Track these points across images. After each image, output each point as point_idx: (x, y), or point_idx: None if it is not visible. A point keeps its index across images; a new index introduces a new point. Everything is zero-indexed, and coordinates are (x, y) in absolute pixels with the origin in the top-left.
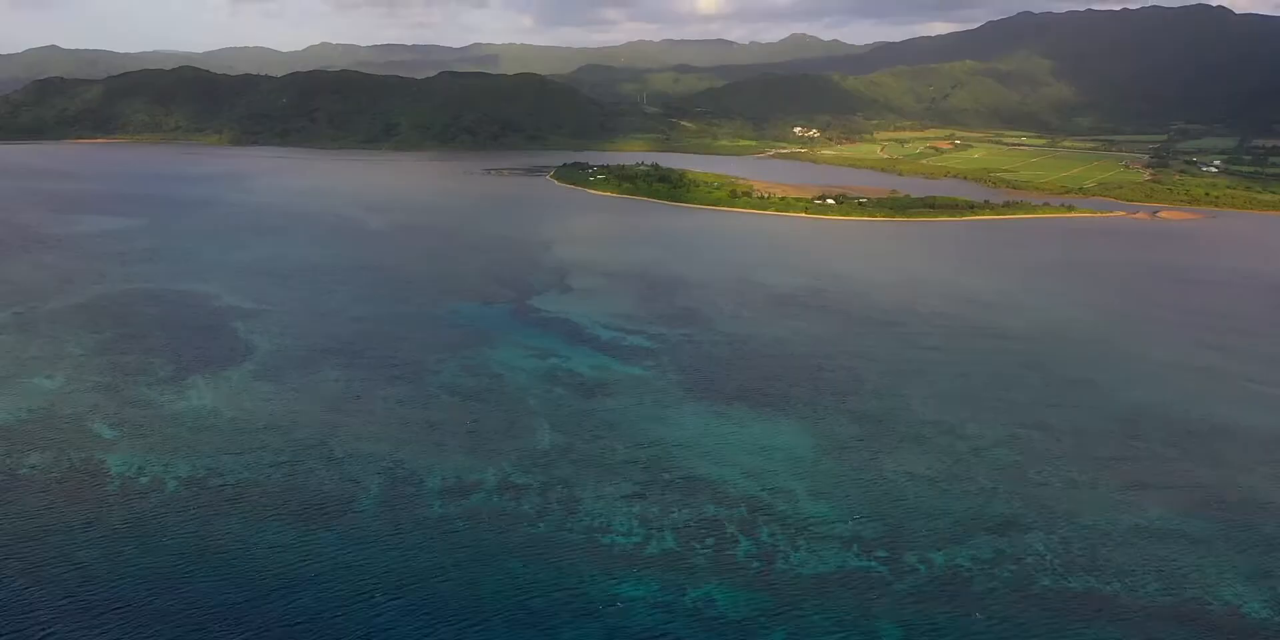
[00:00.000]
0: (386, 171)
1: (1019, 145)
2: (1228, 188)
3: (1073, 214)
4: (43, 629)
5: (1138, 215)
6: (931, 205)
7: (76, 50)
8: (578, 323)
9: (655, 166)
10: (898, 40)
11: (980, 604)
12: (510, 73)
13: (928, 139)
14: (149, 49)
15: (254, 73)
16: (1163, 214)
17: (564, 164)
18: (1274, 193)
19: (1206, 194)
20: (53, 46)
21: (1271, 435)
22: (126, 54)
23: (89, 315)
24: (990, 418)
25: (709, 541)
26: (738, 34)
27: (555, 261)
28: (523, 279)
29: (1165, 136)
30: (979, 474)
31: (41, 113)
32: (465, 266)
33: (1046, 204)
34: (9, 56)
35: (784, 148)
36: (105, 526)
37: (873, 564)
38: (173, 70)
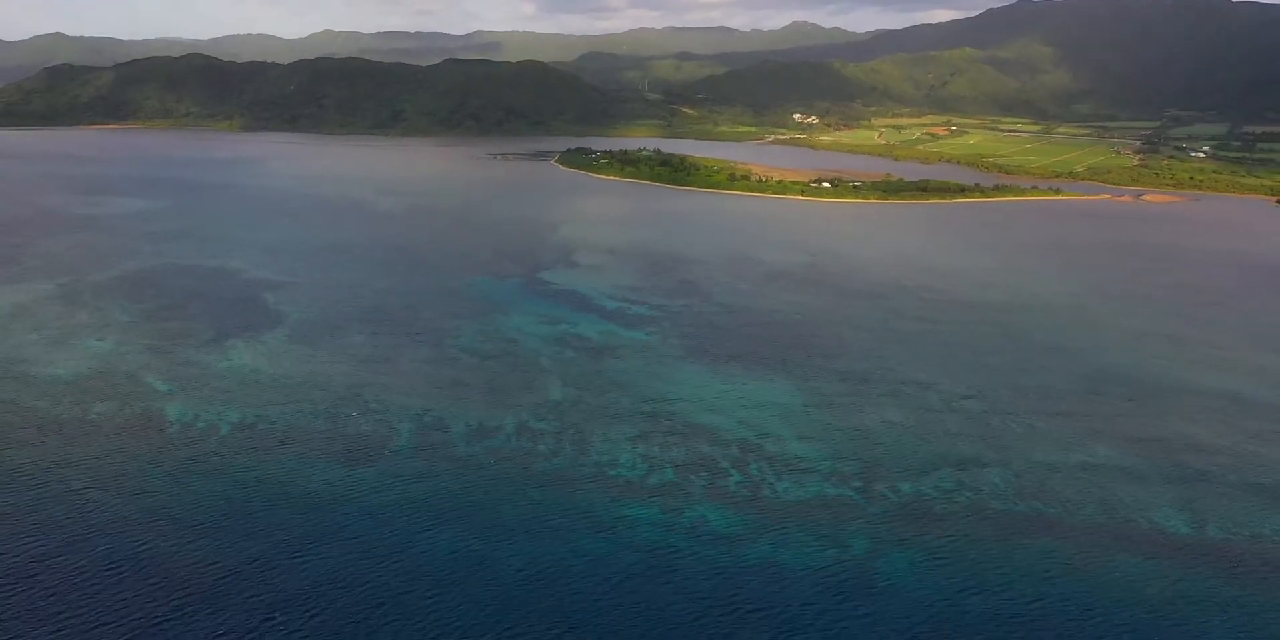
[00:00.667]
0: (395, 156)
1: (1014, 132)
2: (1213, 172)
3: (1059, 197)
4: (134, 545)
5: (1122, 198)
6: (923, 188)
7: (82, 38)
8: (585, 294)
9: (657, 151)
10: (899, 28)
11: (940, 524)
12: (512, 60)
13: (924, 125)
14: (153, 36)
15: (258, 60)
16: (1146, 197)
17: (568, 149)
18: (1257, 177)
19: (1191, 178)
20: (58, 34)
21: (1219, 391)
22: (131, 41)
23: (129, 287)
24: (964, 377)
25: (704, 474)
26: (740, 21)
27: (562, 240)
28: (532, 256)
29: (1159, 123)
30: (948, 422)
31: (54, 99)
32: (476, 245)
33: (1034, 187)
34: (14, 44)
35: (783, 134)
36: (172, 462)
37: (848, 492)
38: (181, 57)
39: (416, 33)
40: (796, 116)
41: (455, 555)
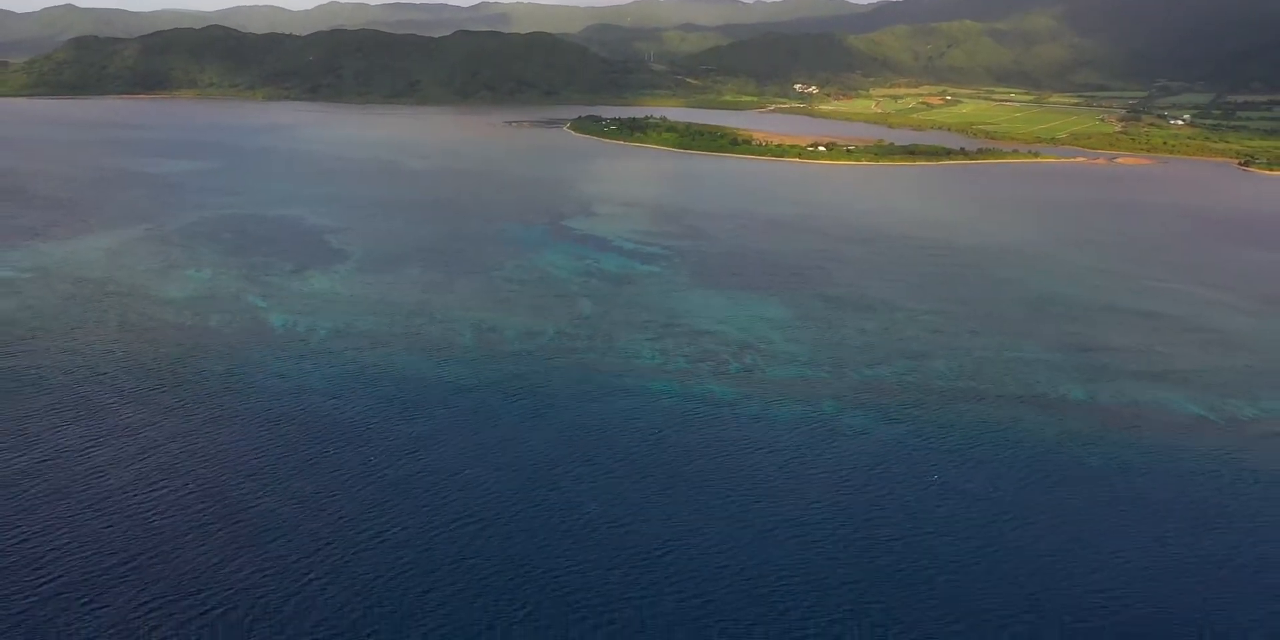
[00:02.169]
0: (415, 123)
1: (1007, 101)
2: (1188, 138)
3: (1036, 160)
4: (273, 408)
5: (1097, 161)
6: (912, 152)
7: (92, 9)
8: (604, 237)
9: (663, 119)
10: None
11: (892, 394)
12: (521, 31)
13: (921, 95)
14: (161, 8)
15: (272, 32)
16: (1120, 160)
17: (579, 117)
18: (1227, 141)
19: (1165, 143)
20: (69, 5)
21: (1139, 310)
22: (140, 13)
23: (207, 231)
24: (927, 300)
25: (710, 363)
26: None
27: (580, 195)
28: (555, 208)
29: (1148, 93)
30: (907, 330)
31: (83, 70)
32: (504, 199)
33: (1015, 151)
34: (26, 15)
35: (784, 103)
36: (286, 356)
37: (822, 374)
38: (203, 29)
39: (423, 4)
40: (797, 86)
41: (523, 416)
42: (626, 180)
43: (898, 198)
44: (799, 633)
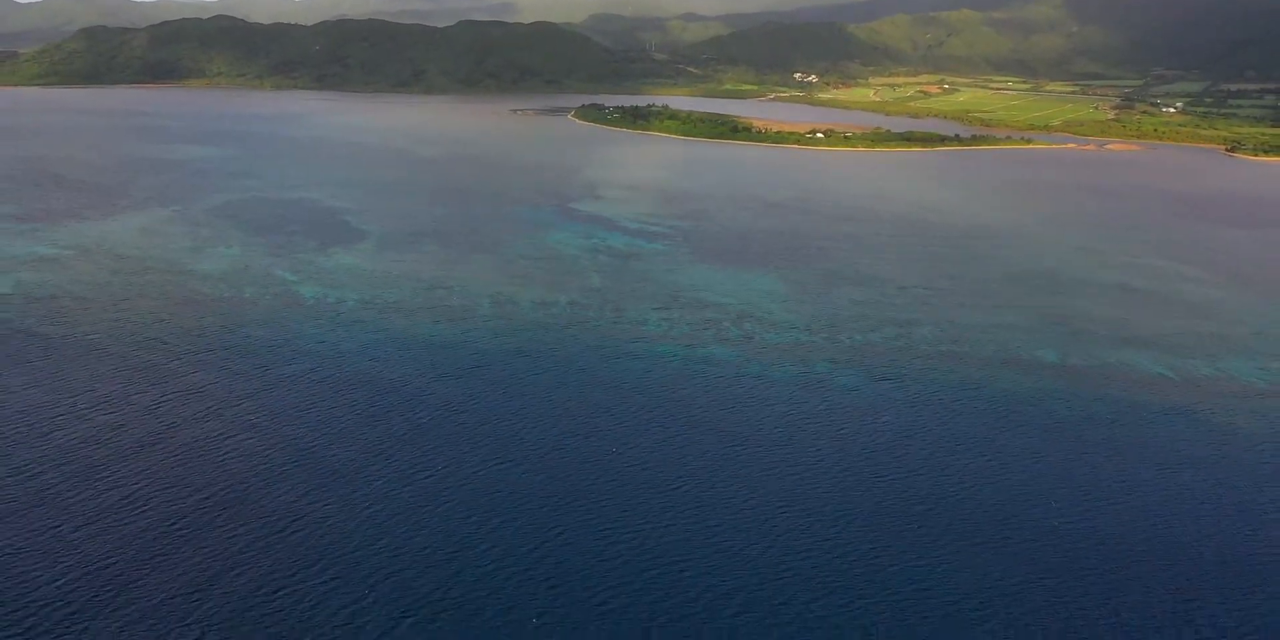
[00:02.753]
0: (422, 112)
1: (1004, 89)
2: (1178, 125)
3: (1029, 146)
4: (317, 370)
5: (1087, 147)
6: (907, 138)
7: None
8: (610, 218)
9: (665, 107)
10: None
11: (879, 356)
12: (524, 21)
13: (919, 84)
14: None
15: (278, 22)
16: (1109, 146)
17: (582, 105)
18: (1216, 128)
19: (1155, 130)
20: None
21: (1112, 282)
22: (144, 2)
23: (232, 212)
24: (915, 274)
25: (712, 329)
26: None
27: (586, 179)
28: (562, 191)
29: (1142, 81)
30: (896, 300)
31: (94, 59)
32: (513, 183)
33: (1008, 138)
34: (29, 5)
35: (784, 92)
36: (322, 324)
37: (816, 339)
38: (210, 19)
39: None
40: (797, 75)
41: (545, 375)
42: (630, 165)
43: (892, 182)
44: (791, 549)
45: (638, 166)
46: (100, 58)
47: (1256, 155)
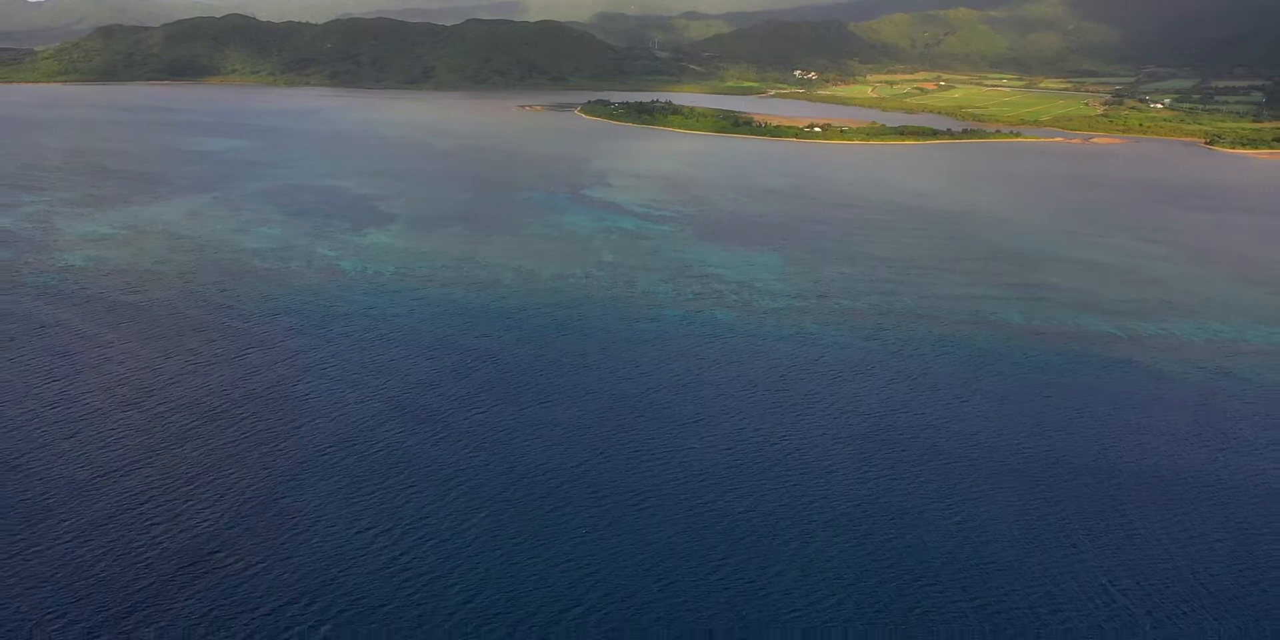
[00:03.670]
0: (434, 107)
1: (998, 86)
2: (1163, 120)
3: (1017, 139)
4: (369, 337)
5: (1073, 141)
6: (901, 132)
7: None
8: (619, 203)
9: (669, 103)
10: None
11: (862, 318)
12: (531, 19)
13: (916, 81)
14: None
15: (289, 20)
16: (1094, 140)
17: (589, 101)
18: (1200, 123)
19: (1140, 124)
20: None
21: (1084, 259)
22: (149, 1)
23: (268, 197)
24: (898, 250)
25: (714, 298)
26: None
27: (595, 169)
28: (573, 180)
29: (1134, 78)
30: (882, 273)
31: (111, 57)
32: (526, 172)
33: (998, 132)
34: (36, 4)
35: (784, 89)
36: (366, 292)
37: (807, 304)
38: (224, 17)
39: None
40: (797, 73)
41: (567, 334)
42: (635, 157)
43: (883, 172)
44: (789, 469)
45: (644, 158)
46: (117, 55)
47: (1233, 148)
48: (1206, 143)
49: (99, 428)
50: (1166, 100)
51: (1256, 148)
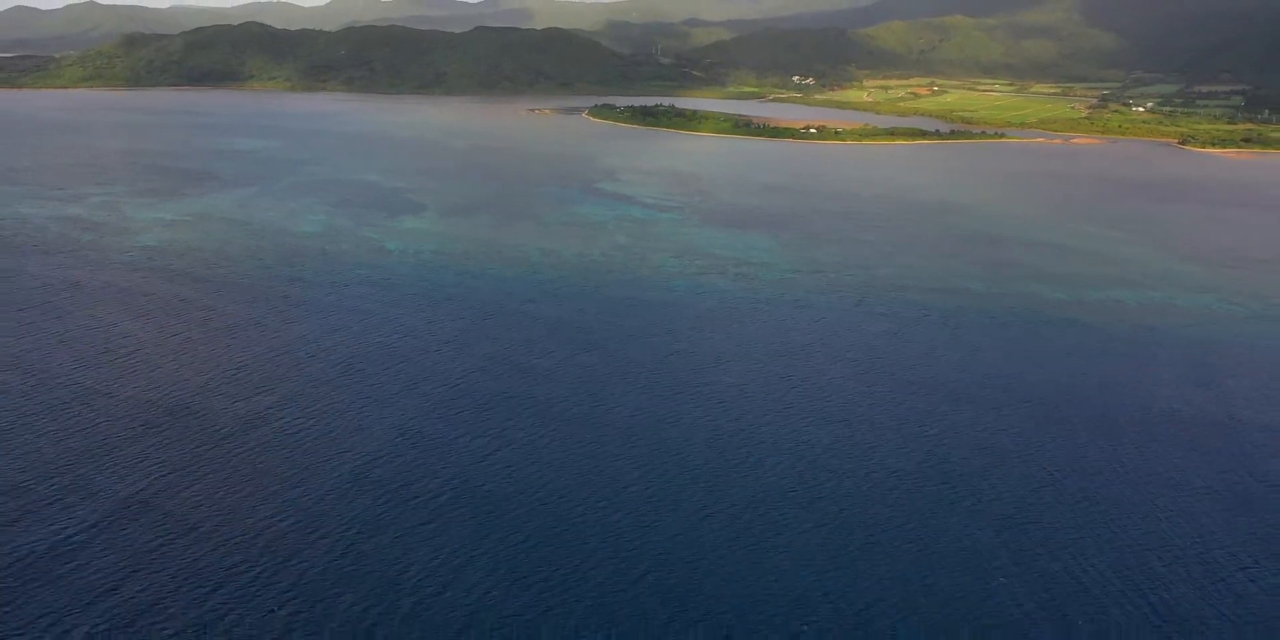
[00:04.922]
0: (447, 111)
1: (991, 91)
2: (1142, 122)
3: (1000, 140)
4: (421, 302)
5: (1054, 141)
6: (892, 133)
7: (113, 6)
8: (629, 195)
9: (672, 106)
10: None
11: (849, 288)
12: (537, 27)
13: (910, 86)
14: (176, 4)
15: (302, 28)
16: (1074, 140)
17: (595, 104)
18: (1178, 125)
19: (1119, 126)
20: (90, 2)
21: (1050, 242)
22: (158, 9)
23: (305, 190)
24: (886, 236)
25: (717, 271)
26: None
27: (604, 166)
28: (584, 175)
29: (1120, 83)
30: (867, 253)
31: (133, 64)
32: (540, 169)
33: (983, 133)
34: (50, 12)
35: (782, 93)
36: (412, 267)
37: (799, 277)
38: (241, 25)
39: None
40: (795, 78)
41: (589, 300)
42: (642, 155)
43: (874, 169)
44: (789, 412)
45: (649, 156)
46: (140, 62)
47: (1204, 147)
48: (1179, 143)
49: (256, 374)
50: (1149, 103)
51: (1225, 147)
